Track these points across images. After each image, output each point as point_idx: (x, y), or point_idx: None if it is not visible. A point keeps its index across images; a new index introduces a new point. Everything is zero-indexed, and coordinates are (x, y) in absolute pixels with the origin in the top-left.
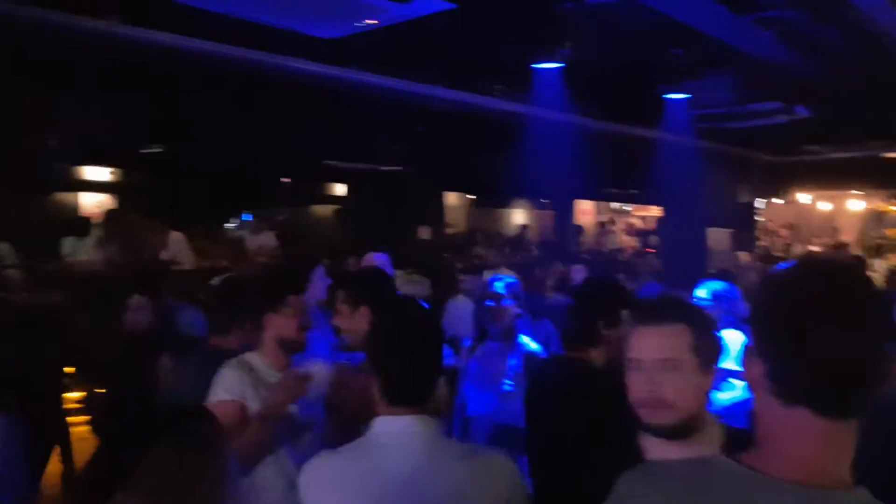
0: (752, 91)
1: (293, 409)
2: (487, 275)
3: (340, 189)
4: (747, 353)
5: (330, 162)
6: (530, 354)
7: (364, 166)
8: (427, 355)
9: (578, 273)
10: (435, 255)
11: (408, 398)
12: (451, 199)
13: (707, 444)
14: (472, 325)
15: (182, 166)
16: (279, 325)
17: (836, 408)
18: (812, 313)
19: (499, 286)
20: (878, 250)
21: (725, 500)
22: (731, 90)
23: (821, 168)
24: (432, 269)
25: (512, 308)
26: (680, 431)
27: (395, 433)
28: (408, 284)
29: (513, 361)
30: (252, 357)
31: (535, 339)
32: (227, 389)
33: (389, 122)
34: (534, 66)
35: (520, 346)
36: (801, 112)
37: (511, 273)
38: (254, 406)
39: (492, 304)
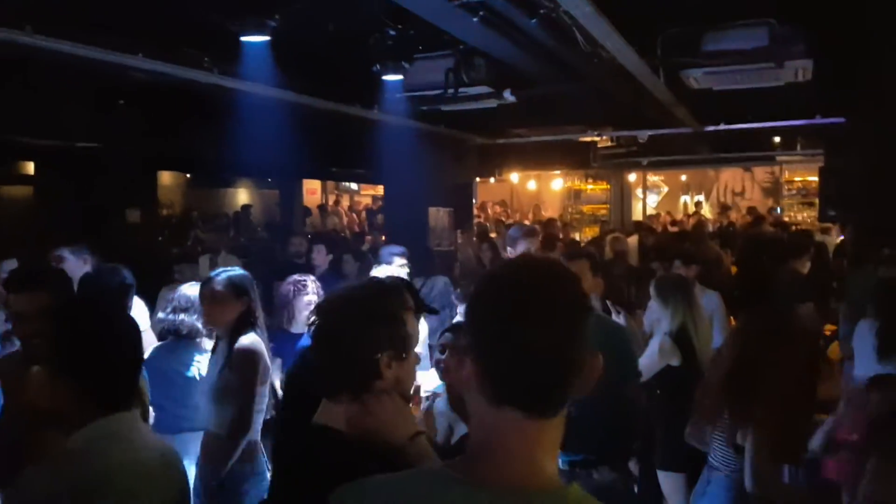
0: (464, 75)
1: None
2: (204, 260)
3: (30, 168)
4: (456, 353)
5: (14, 137)
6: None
7: (55, 143)
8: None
9: (319, 254)
10: (146, 240)
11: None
12: (165, 178)
13: None
14: None
15: None
16: None
17: (540, 407)
18: (512, 314)
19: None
20: (576, 224)
21: None
22: (444, 74)
23: (526, 150)
24: (140, 256)
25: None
26: None
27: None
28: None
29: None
30: None
31: None
32: None
33: (83, 94)
34: (242, 38)
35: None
36: (508, 97)
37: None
38: None
39: None
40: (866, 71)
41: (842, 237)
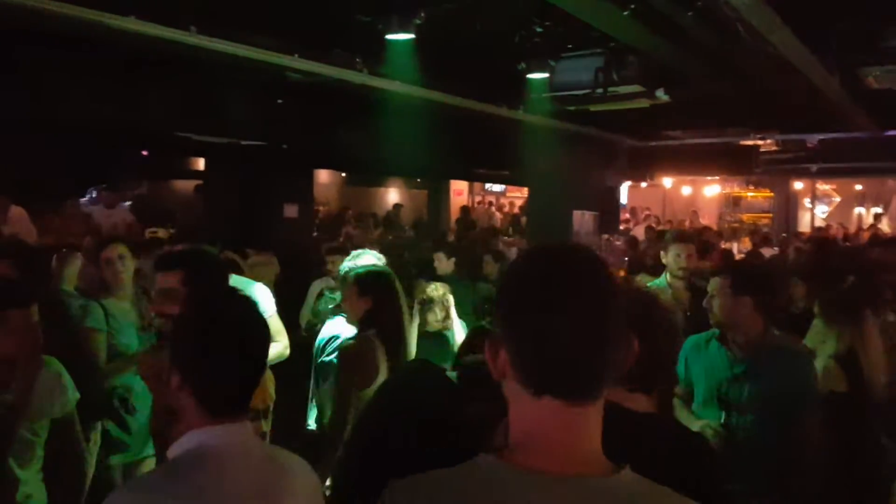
0: (614, 73)
1: None
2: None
3: (201, 163)
4: (492, 342)
5: (184, 134)
6: None
7: (222, 140)
8: (254, 353)
9: (440, 262)
10: (301, 235)
11: (233, 406)
12: (323, 176)
13: None
14: None
15: (27, 135)
16: None
17: (580, 394)
18: (544, 302)
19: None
20: (734, 233)
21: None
22: (593, 72)
23: (682, 153)
24: (294, 250)
25: None
26: None
27: (227, 445)
28: (256, 266)
29: None
30: None
31: None
32: None
33: (244, 94)
34: (387, 36)
35: None
36: (662, 96)
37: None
38: None
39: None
40: None
41: None
